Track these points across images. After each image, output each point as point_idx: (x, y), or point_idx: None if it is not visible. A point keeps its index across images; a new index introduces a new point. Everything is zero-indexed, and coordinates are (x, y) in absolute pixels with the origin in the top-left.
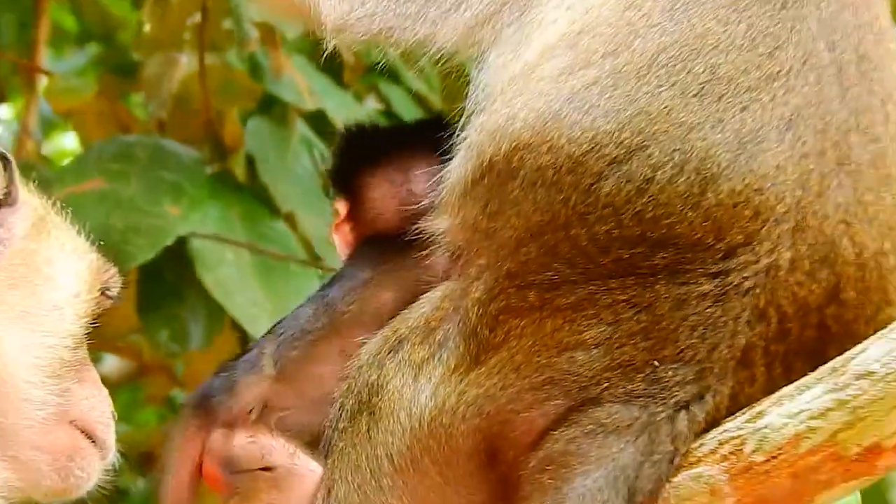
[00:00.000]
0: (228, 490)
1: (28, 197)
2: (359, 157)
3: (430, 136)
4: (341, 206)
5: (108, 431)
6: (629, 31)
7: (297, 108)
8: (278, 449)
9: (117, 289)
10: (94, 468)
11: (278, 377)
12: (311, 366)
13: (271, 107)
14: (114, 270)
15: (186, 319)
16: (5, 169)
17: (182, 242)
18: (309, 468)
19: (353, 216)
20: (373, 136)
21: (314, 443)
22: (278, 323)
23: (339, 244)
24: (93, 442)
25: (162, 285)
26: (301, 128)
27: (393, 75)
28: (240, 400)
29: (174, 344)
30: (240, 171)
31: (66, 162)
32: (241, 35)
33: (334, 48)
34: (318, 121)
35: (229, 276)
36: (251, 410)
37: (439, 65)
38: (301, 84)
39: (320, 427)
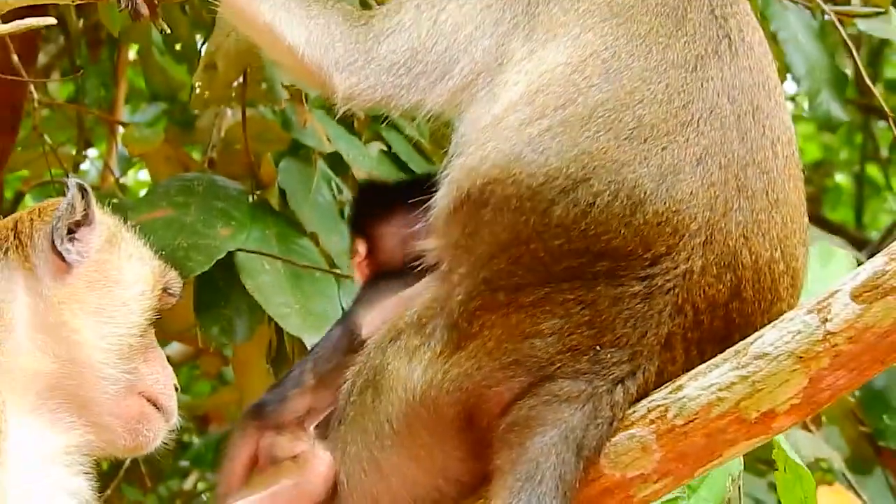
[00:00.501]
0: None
1: (102, 217)
2: (375, 208)
3: (425, 190)
4: (360, 247)
5: (170, 400)
6: (574, 89)
7: (318, 150)
8: (305, 440)
9: (178, 287)
10: (160, 430)
11: (318, 386)
12: (343, 374)
13: (298, 150)
14: (173, 273)
15: (233, 318)
16: (83, 196)
17: (230, 256)
18: (321, 454)
19: (370, 255)
20: (385, 191)
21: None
22: (315, 345)
23: (357, 275)
24: (158, 409)
25: (214, 291)
26: (321, 166)
27: (393, 124)
28: (289, 408)
29: (223, 337)
30: (274, 200)
31: (140, 193)
32: (273, 94)
33: None
34: (335, 160)
35: (267, 282)
36: (300, 417)
37: (429, 122)
38: (321, 132)
39: None
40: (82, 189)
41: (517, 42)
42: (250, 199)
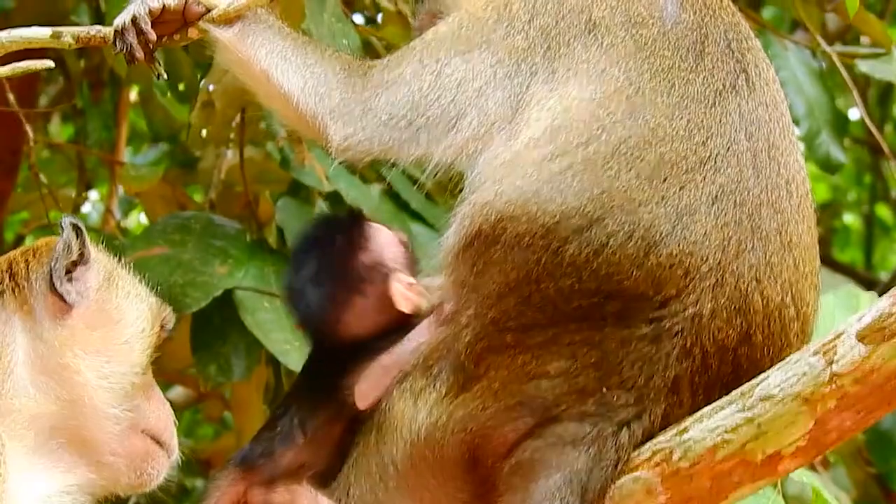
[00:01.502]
0: None
1: (99, 255)
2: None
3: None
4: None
5: (172, 436)
6: (598, 126)
7: (317, 190)
8: (305, 493)
9: (172, 323)
10: (163, 466)
11: (309, 444)
12: (333, 432)
13: (297, 189)
14: (169, 309)
15: (230, 356)
16: (78, 235)
17: (228, 294)
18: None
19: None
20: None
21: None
22: (290, 393)
23: None
24: (160, 445)
25: (211, 329)
26: (320, 205)
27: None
28: (280, 465)
29: (220, 376)
30: (272, 238)
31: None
32: (272, 133)
33: None
34: (334, 199)
35: (266, 319)
36: (289, 471)
37: (438, 174)
38: (320, 171)
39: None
40: (76, 228)
41: (537, 86)
42: (248, 237)
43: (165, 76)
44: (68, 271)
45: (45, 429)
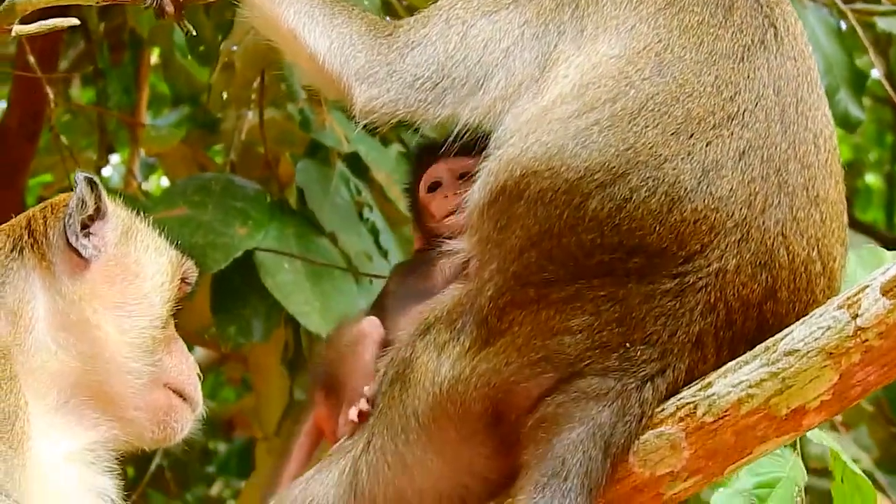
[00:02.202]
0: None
1: (117, 210)
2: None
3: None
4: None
5: (195, 390)
6: (627, 82)
7: (336, 151)
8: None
9: (195, 276)
10: (187, 420)
11: None
12: None
13: (317, 151)
14: (190, 262)
15: (250, 318)
16: (93, 190)
17: (248, 255)
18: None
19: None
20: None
21: None
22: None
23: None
24: (184, 399)
25: (231, 291)
26: (340, 167)
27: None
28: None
29: (240, 337)
30: (293, 200)
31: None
32: (292, 94)
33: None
34: (353, 161)
35: (287, 280)
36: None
37: (465, 135)
38: (340, 133)
39: None
40: (91, 182)
41: (565, 45)
42: (268, 199)
43: (194, 31)
44: (85, 226)
45: (67, 386)
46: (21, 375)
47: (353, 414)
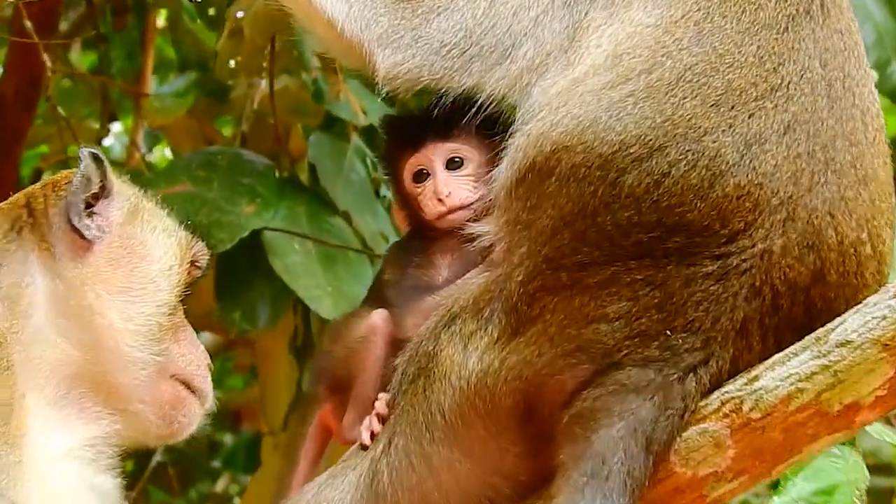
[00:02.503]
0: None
1: (122, 188)
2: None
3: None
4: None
5: (205, 381)
6: (663, 52)
7: (352, 124)
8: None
9: (206, 259)
10: (195, 414)
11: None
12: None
13: (331, 123)
14: (200, 244)
15: (256, 302)
16: (98, 167)
17: (255, 235)
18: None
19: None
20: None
21: None
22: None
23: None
24: (192, 391)
25: (236, 273)
26: (356, 141)
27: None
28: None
29: (245, 323)
30: (304, 176)
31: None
32: (304, 63)
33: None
34: (370, 135)
35: (296, 262)
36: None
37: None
38: (355, 104)
39: None
40: (97, 159)
41: (596, 12)
42: (278, 175)
43: None
44: (88, 205)
45: (67, 377)
46: (18, 366)
47: (374, 425)
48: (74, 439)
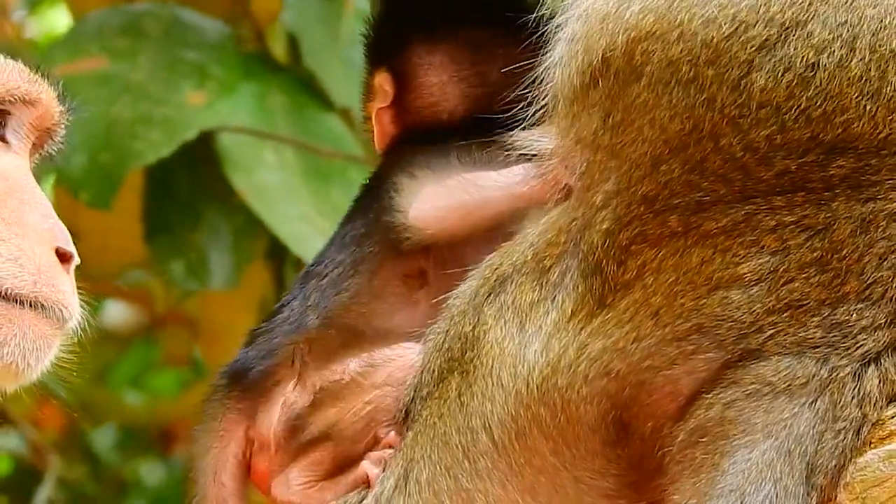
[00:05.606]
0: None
1: None
2: (414, 20)
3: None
4: (385, 84)
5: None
6: None
7: None
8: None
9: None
10: (43, 336)
11: (327, 328)
12: (373, 304)
13: None
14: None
15: (205, 248)
16: None
17: (206, 139)
18: (400, 351)
19: (398, 102)
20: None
21: None
22: (317, 259)
23: (376, 135)
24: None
25: (175, 199)
26: (355, 1)
27: None
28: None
29: (191, 280)
30: (279, 51)
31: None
32: None
33: None
34: None
35: (270, 181)
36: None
37: None
38: None
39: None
40: None
41: None
42: (238, 48)
43: None
44: None
45: None
46: None
47: (372, 470)
48: None
